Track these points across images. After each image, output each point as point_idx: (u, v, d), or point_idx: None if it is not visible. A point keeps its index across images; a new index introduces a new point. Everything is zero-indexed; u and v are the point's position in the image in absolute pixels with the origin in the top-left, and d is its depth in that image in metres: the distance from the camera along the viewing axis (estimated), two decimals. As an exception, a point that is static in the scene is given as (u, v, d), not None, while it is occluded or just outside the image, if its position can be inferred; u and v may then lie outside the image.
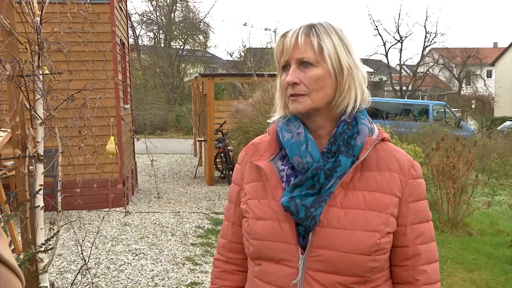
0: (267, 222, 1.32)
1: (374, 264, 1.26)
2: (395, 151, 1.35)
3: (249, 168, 1.42)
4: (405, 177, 1.30)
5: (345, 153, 1.27)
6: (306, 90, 1.27)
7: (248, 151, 1.42)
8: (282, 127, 1.36)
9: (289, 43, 1.28)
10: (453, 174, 6.79)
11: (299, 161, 1.29)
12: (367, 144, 1.29)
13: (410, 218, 1.30)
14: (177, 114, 26.13)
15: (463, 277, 4.96)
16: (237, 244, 1.47)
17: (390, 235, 1.29)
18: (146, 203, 8.72)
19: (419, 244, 1.31)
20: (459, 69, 38.33)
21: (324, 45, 1.26)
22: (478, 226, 7.15)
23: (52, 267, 5.26)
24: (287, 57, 1.29)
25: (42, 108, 3.05)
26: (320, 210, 1.25)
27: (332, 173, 1.26)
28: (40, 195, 3.08)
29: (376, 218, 1.25)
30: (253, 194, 1.37)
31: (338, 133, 1.29)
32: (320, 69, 1.26)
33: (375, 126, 1.37)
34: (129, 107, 10.00)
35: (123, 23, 9.72)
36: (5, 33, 2.98)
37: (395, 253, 1.32)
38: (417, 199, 1.32)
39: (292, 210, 1.26)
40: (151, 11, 33.29)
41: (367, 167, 1.30)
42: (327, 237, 1.25)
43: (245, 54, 29.66)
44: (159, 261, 5.57)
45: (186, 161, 14.63)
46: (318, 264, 1.26)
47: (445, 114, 20.14)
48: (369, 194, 1.27)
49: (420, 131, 14.39)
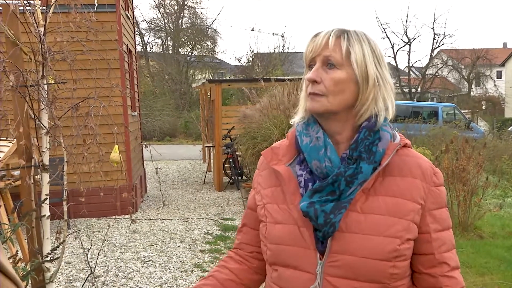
0: (286, 226, 1.31)
1: (394, 270, 1.24)
2: (418, 157, 1.33)
3: (268, 172, 1.42)
4: (428, 184, 1.29)
5: (367, 160, 1.26)
6: (324, 90, 1.27)
7: (267, 155, 1.42)
8: (301, 132, 1.35)
9: (319, 42, 1.28)
10: (463, 176, 6.73)
11: (318, 166, 1.28)
12: (389, 149, 1.28)
13: (434, 226, 1.29)
14: (185, 120, 26.21)
15: (475, 281, 4.90)
16: (247, 246, 1.51)
17: (411, 241, 1.27)
18: (155, 210, 8.73)
19: (443, 252, 1.30)
20: (469, 70, 38.07)
21: (353, 50, 1.25)
22: (489, 228, 7.06)
23: (62, 276, 5.27)
24: (315, 54, 1.28)
25: (46, 117, 3.06)
26: (339, 216, 1.24)
27: (353, 180, 1.25)
28: (46, 204, 3.09)
29: (397, 224, 1.24)
30: (272, 199, 1.37)
31: (359, 140, 1.27)
32: (343, 73, 1.26)
33: (396, 132, 1.36)
34: (137, 114, 10.04)
35: (130, 31, 9.76)
36: (9, 43, 2.99)
37: (420, 261, 1.31)
38: (439, 207, 1.31)
39: (311, 215, 1.25)
40: (159, 18, 33.50)
41: (389, 173, 1.29)
42: (346, 242, 1.24)
43: (253, 59, 29.74)
44: (168, 268, 5.56)
45: (195, 167, 14.65)
46: (337, 269, 1.25)
47: (455, 116, 19.99)
48: (390, 199, 1.26)
49: (430, 134, 14.29)
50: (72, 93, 3.17)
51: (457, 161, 6.80)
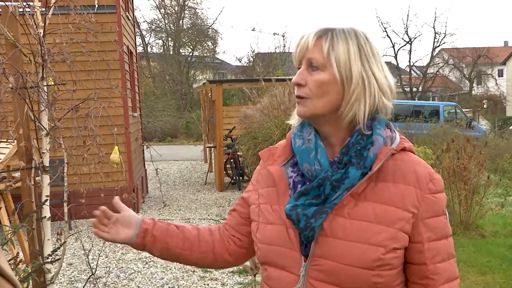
0: (276, 227, 1.31)
1: (378, 279, 1.21)
2: (415, 163, 1.27)
3: (266, 172, 1.41)
4: (422, 192, 1.23)
5: (356, 165, 1.22)
6: (309, 93, 1.25)
7: (264, 155, 1.41)
8: (296, 133, 1.34)
9: (303, 43, 1.26)
10: (464, 175, 6.72)
11: (308, 169, 1.27)
12: (381, 154, 1.23)
13: (427, 235, 1.23)
14: (187, 121, 26.22)
15: (476, 280, 4.89)
16: (231, 229, 1.52)
17: (399, 251, 1.22)
18: (157, 210, 8.74)
19: (438, 263, 1.24)
20: (470, 69, 38.02)
21: (334, 50, 1.22)
22: (491, 227, 7.05)
23: (63, 277, 5.28)
24: (300, 57, 1.27)
25: (46, 119, 3.06)
26: (320, 221, 1.22)
27: (339, 185, 1.22)
28: (46, 205, 3.08)
29: (383, 232, 1.20)
30: (267, 199, 1.37)
31: (350, 143, 1.24)
32: (326, 74, 1.23)
33: (397, 134, 1.31)
34: (138, 115, 10.04)
35: (130, 31, 9.77)
36: (8, 45, 2.99)
37: (413, 271, 1.27)
38: (434, 215, 1.25)
39: (293, 218, 1.24)
40: (160, 19, 33.51)
41: (383, 178, 1.24)
42: (329, 247, 1.22)
43: (254, 59, 29.73)
44: (169, 269, 5.56)
45: (197, 168, 14.65)
46: (319, 273, 1.23)
47: (456, 114, 19.96)
48: (379, 206, 1.22)
49: (431, 133, 14.26)
50: (72, 94, 3.18)
51: (458, 160, 6.79)
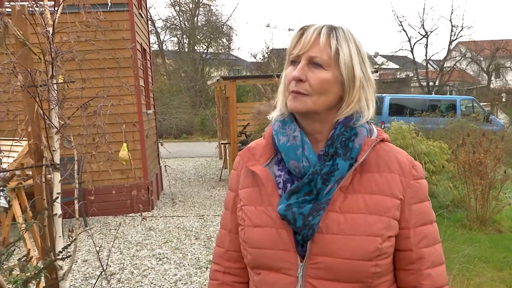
0: (265, 229, 1.28)
1: (376, 269, 1.22)
2: (396, 151, 1.30)
3: (244, 173, 1.38)
4: (406, 178, 1.26)
5: (343, 156, 1.23)
6: (309, 90, 1.23)
7: (243, 156, 1.38)
8: (278, 131, 1.31)
9: (308, 39, 1.23)
10: (481, 170, 6.62)
11: (296, 166, 1.25)
12: (365, 145, 1.25)
13: (413, 221, 1.26)
14: (202, 118, 26.27)
15: (492, 276, 4.82)
16: (235, 253, 1.42)
17: (392, 238, 1.24)
18: (171, 207, 8.77)
19: (423, 247, 1.26)
20: (488, 62, 37.47)
21: (342, 51, 1.22)
22: (508, 223, 6.94)
23: (78, 273, 5.33)
24: (301, 52, 1.23)
25: (56, 117, 3.08)
26: (318, 218, 1.21)
27: (329, 177, 1.22)
28: (57, 203, 3.11)
29: (378, 222, 1.21)
30: (249, 200, 1.33)
31: (335, 135, 1.24)
32: (329, 74, 1.22)
33: (373, 126, 1.32)
34: (152, 112, 10.08)
35: (143, 29, 9.80)
36: (18, 44, 3.02)
37: (399, 257, 1.28)
38: (419, 201, 1.27)
39: (289, 218, 1.22)
40: (174, 17, 33.58)
41: (367, 169, 1.25)
42: (326, 244, 1.21)
43: (269, 55, 29.66)
44: (183, 265, 5.58)
45: (212, 164, 14.67)
46: (318, 271, 1.22)
47: (473, 108, 19.67)
48: (369, 197, 1.22)
49: (448, 127, 14.09)
50: (81, 92, 3.19)
51: (474, 154, 6.69)
